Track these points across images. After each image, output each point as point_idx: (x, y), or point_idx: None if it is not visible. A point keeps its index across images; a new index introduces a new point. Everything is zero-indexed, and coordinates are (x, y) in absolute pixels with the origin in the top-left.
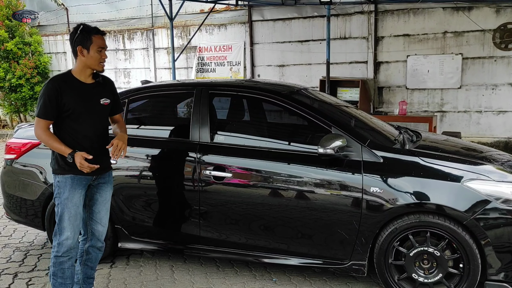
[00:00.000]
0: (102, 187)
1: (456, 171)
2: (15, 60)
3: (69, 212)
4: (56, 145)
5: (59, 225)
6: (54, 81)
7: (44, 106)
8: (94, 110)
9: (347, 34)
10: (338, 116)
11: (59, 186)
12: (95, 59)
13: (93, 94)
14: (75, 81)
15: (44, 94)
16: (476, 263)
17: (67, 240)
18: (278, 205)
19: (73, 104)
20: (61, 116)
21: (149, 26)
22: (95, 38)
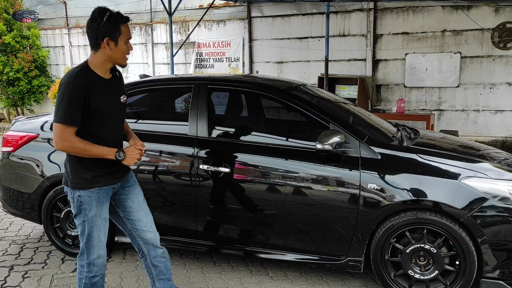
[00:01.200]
0: (130, 191)
1: (454, 169)
2: (13, 54)
3: (98, 229)
4: (97, 150)
5: (87, 244)
6: (78, 78)
7: (70, 110)
8: (116, 109)
9: (346, 32)
10: (337, 113)
11: (82, 202)
12: (123, 52)
13: (113, 91)
14: (95, 76)
15: (69, 94)
16: (472, 261)
17: (99, 259)
18: (276, 201)
19: (99, 104)
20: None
21: (148, 21)
22: (124, 28)
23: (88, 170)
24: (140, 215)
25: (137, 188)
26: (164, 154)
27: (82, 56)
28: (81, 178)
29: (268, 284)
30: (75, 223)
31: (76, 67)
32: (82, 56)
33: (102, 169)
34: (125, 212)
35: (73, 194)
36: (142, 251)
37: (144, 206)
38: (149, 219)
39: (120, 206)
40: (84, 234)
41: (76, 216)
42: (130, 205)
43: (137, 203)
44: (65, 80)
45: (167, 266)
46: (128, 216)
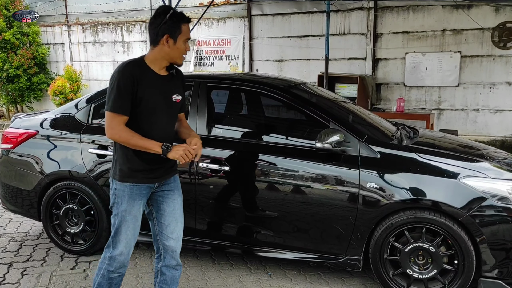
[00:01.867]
0: (168, 195)
1: (453, 168)
2: (12, 50)
3: (127, 225)
4: (144, 142)
5: (114, 237)
6: (128, 67)
7: (120, 98)
8: (168, 107)
9: (346, 30)
10: (336, 111)
11: (116, 195)
12: (181, 51)
13: (167, 89)
14: (149, 71)
15: (118, 83)
16: (471, 260)
17: (120, 256)
18: (275, 199)
19: (148, 98)
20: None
21: (147, 18)
22: (184, 27)
23: (127, 162)
24: (170, 220)
25: (177, 193)
26: None
27: (82, 53)
28: (120, 170)
29: (267, 283)
30: (74, 220)
31: (130, 59)
32: (82, 53)
33: (142, 164)
34: (157, 213)
35: (111, 185)
36: (160, 253)
37: (177, 213)
38: (178, 227)
39: (154, 206)
40: (114, 227)
41: (111, 208)
42: (164, 209)
43: (172, 208)
44: (115, 70)
45: (174, 279)
46: (159, 218)
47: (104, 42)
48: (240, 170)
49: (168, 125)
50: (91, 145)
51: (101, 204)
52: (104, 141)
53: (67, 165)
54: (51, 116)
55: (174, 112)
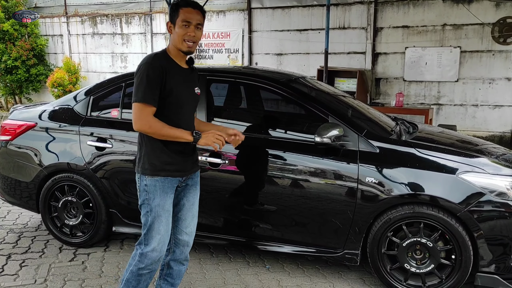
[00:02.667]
0: (189, 190)
1: (451, 163)
2: (11, 42)
3: (160, 220)
4: (175, 132)
5: (146, 234)
6: (156, 59)
7: (149, 88)
8: (190, 99)
9: (346, 24)
10: (336, 106)
11: (147, 191)
12: (179, 35)
13: (189, 81)
14: (173, 63)
15: (147, 73)
16: (468, 255)
17: (152, 252)
18: (273, 193)
19: (177, 89)
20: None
21: (147, 10)
22: (182, 11)
23: (159, 156)
24: (187, 215)
25: (197, 189)
26: None
27: (80, 45)
28: (150, 164)
29: (265, 276)
30: (73, 212)
31: (154, 52)
32: (80, 45)
33: (173, 156)
34: (176, 207)
35: (140, 182)
36: (170, 246)
37: (194, 209)
38: (193, 222)
39: (174, 200)
40: (146, 224)
41: (141, 206)
42: (184, 203)
43: (191, 203)
44: (143, 62)
45: (180, 273)
46: (177, 212)
47: (103, 34)
48: (239, 164)
49: (190, 118)
50: (90, 138)
51: (99, 197)
52: (103, 134)
53: (66, 157)
54: (49, 108)
55: (196, 104)
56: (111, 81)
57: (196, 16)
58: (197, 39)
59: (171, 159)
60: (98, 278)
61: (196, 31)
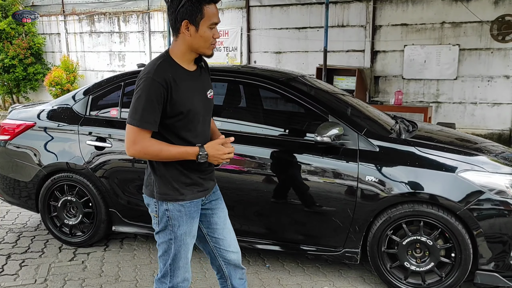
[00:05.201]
0: (217, 206)
1: (451, 162)
2: (8, 40)
3: (186, 248)
4: (177, 151)
5: (172, 265)
6: (159, 71)
7: (147, 111)
8: (203, 107)
9: (345, 22)
10: (335, 104)
11: (170, 218)
12: (206, 39)
13: (199, 86)
14: (179, 68)
15: (148, 91)
16: (468, 253)
17: (183, 283)
18: (274, 192)
19: (185, 101)
20: (164, 121)
21: (145, 9)
22: (207, 9)
23: (179, 178)
24: (225, 233)
25: (222, 202)
26: None
27: (78, 43)
28: (171, 188)
29: (265, 274)
30: (73, 212)
31: (157, 58)
32: (78, 44)
33: (193, 176)
34: (209, 229)
35: (158, 208)
36: (223, 272)
37: (228, 223)
38: (232, 237)
39: (204, 222)
40: (168, 253)
41: (160, 232)
42: (216, 222)
43: (223, 219)
44: (144, 74)
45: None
46: (212, 233)
47: (100, 32)
48: (237, 163)
49: (207, 127)
50: (89, 137)
51: (99, 196)
52: (102, 133)
53: (65, 157)
54: (48, 108)
55: (210, 110)
56: (110, 80)
57: (218, 15)
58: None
59: (192, 180)
60: (98, 277)
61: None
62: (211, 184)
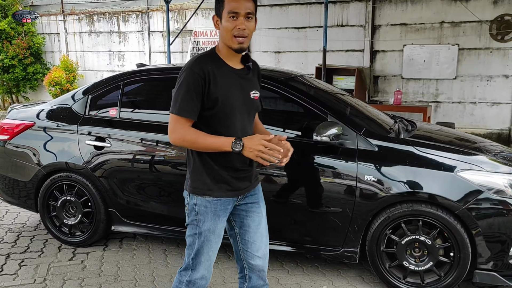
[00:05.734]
0: (252, 208)
1: (450, 161)
2: (7, 40)
3: (210, 245)
4: (212, 141)
5: (194, 259)
6: (198, 62)
7: (187, 99)
8: (246, 106)
9: (344, 22)
10: (334, 104)
11: (197, 212)
12: (227, 30)
13: (244, 85)
14: (223, 65)
15: (187, 81)
16: (467, 252)
17: (201, 280)
18: (272, 191)
19: (224, 97)
20: (203, 114)
21: (144, 8)
22: (228, 0)
23: (209, 172)
24: (256, 237)
25: (261, 206)
26: (161, 144)
27: (78, 43)
28: (201, 182)
29: None
30: (72, 212)
31: (202, 52)
32: (77, 44)
33: (225, 174)
34: (241, 229)
35: (188, 201)
36: (244, 273)
37: (263, 229)
38: (263, 243)
39: (237, 222)
40: (192, 247)
41: (189, 225)
42: (249, 224)
43: (257, 223)
44: (185, 67)
45: None
46: (243, 235)
47: (100, 32)
48: None
49: (247, 127)
50: (88, 137)
51: (98, 196)
52: (101, 133)
53: (64, 156)
54: (47, 107)
55: (252, 111)
56: (109, 80)
57: (245, 4)
58: (249, 32)
59: (223, 177)
60: (98, 277)
61: (247, 22)
62: (245, 185)
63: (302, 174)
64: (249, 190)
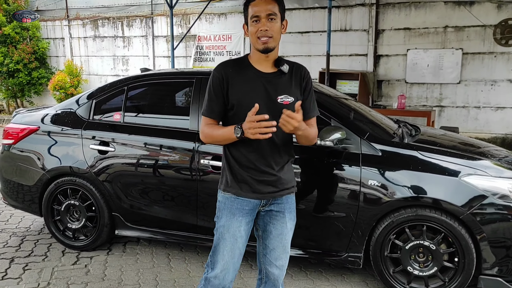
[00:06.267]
0: (276, 217)
1: (454, 166)
2: (13, 45)
3: (224, 244)
4: (221, 131)
5: (211, 256)
6: (222, 67)
7: (209, 101)
8: (271, 110)
9: (348, 26)
10: (338, 109)
11: (218, 207)
12: (252, 33)
13: (271, 88)
14: (249, 68)
15: (209, 83)
16: (471, 257)
17: (215, 279)
18: None
19: (240, 99)
20: (227, 114)
21: (148, 13)
22: (250, 6)
23: (231, 170)
24: (276, 245)
25: (287, 217)
26: (165, 148)
27: (82, 48)
28: (225, 179)
29: None
30: (76, 216)
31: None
32: (82, 48)
33: (244, 173)
34: (263, 233)
35: (218, 196)
36: (262, 276)
37: (285, 239)
38: (283, 254)
39: (261, 225)
40: (214, 243)
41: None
42: (271, 230)
43: (279, 232)
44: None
45: None
46: (264, 239)
47: (104, 37)
48: None
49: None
50: (92, 141)
51: (102, 200)
52: (105, 137)
53: (68, 161)
54: (52, 112)
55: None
56: (113, 85)
57: (265, 7)
58: (272, 33)
59: (243, 177)
60: (101, 281)
61: (269, 24)
62: (269, 190)
63: (305, 178)
64: (275, 196)
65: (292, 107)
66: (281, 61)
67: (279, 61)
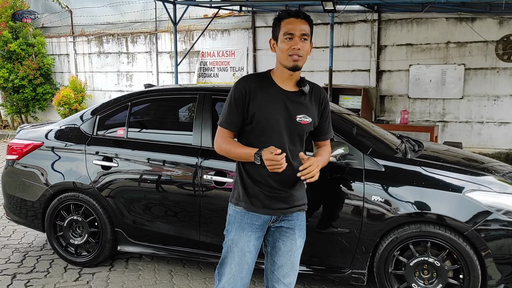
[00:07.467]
0: (286, 233)
1: (458, 182)
2: (18, 61)
3: (232, 257)
4: (239, 151)
5: (219, 269)
6: (244, 80)
7: (228, 112)
8: (288, 128)
9: (350, 42)
10: (341, 124)
11: (228, 221)
12: (283, 50)
13: (291, 107)
14: (271, 85)
15: (230, 95)
16: (476, 274)
17: None
18: None
19: (262, 114)
20: (244, 128)
21: (152, 30)
22: (284, 23)
23: (243, 184)
24: (285, 262)
25: (297, 234)
26: (168, 164)
27: (86, 64)
28: (236, 192)
29: None
30: (79, 231)
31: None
32: (86, 64)
33: (255, 188)
34: (272, 249)
35: (228, 209)
36: None
37: (294, 257)
38: (292, 271)
39: (270, 241)
40: (222, 255)
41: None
42: (280, 247)
43: (289, 249)
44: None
45: None
46: (273, 255)
47: (109, 53)
48: None
49: (286, 147)
50: (95, 156)
51: (105, 216)
52: (108, 153)
53: (72, 176)
54: (56, 128)
55: (296, 133)
56: (117, 101)
57: (300, 26)
58: (303, 53)
59: (254, 192)
60: None
61: (302, 43)
62: (279, 206)
63: (308, 194)
64: (285, 213)
65: (309, 127)
66: (303, 82)
67: (301, 81)
